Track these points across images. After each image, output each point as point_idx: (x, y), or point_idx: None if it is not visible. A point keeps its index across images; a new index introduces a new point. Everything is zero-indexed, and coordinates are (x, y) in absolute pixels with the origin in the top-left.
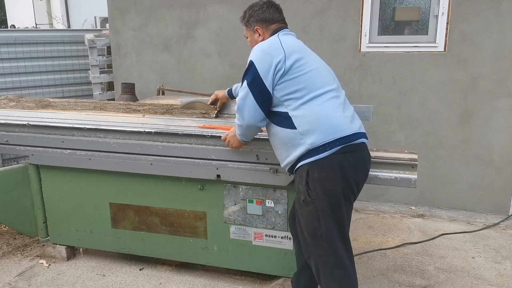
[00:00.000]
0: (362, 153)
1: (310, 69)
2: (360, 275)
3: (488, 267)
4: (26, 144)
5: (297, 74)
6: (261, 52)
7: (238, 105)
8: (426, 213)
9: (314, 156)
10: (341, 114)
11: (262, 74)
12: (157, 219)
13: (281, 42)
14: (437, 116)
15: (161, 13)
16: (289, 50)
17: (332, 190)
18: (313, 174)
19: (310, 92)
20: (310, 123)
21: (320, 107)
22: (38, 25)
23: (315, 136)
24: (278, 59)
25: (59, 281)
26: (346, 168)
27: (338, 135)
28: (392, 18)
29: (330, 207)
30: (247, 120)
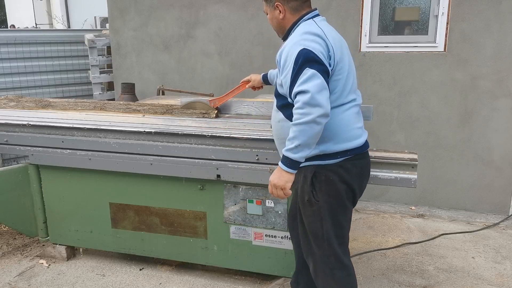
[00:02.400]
0: (367, 159)
1: (347, 74)
2: (360, 275)
3: (488, 267)
4: (26, 144)
5: (336, 77)
6: (310, 35)
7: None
8: (426, 213)
9: (323, 160)
10: (358, 124)
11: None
12: (157, 219)
13: (325, 33)
14: (437, 116)
15: (161, 13)
16: (335, 46)
17: (338, 194)
18: (320, 177)
19: (338, 99)
20: (328, 130)
21: (341, 116)
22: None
23: (329, 144)
24: (329, 53)
25: (59, 281)
26: (353, 174)
27: (351, 145)
28: (392, 18)
29: (334, 210)
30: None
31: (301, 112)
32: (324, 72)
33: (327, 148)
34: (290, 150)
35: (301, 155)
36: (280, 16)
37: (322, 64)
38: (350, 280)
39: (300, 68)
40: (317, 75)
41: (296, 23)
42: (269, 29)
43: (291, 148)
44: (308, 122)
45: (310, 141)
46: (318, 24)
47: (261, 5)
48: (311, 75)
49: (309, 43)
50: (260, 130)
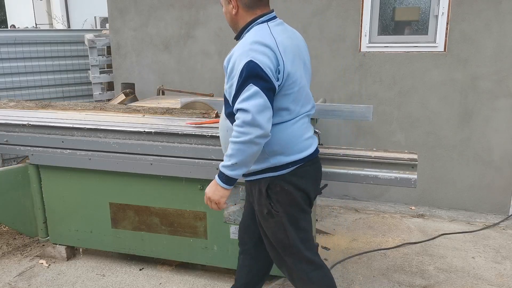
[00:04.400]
0: (319, 164)
1: (298, 88)
2: (360, 275)
3: (488, 267)
4: (26, 144)
5: (286, 92)
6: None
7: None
8: (426, 213)
9: (276, 172)
10: (307, 135)
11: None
12: (157, 219)
13: (277, 43)
14: (437, 116)
15: (161, 13)
16: (286, 59)
17: (295, 201)
18: (275, 188)
19: (289, 114)
20: (276, 145)
21: (291, 129)
22: (38, 25)
23: (280, 157)
24: (278, 67)
25: (59, 281)
26: (307, 179)
27: (302, 156)
28: (392, 18)
29: (295, 217)
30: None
31: (240, 131)
32: (269, 89)
33: (278, 160)
34: (226, 167)
35: (238, 173)
36: (233, 11)
37: (268, 81)
38: (328, 279)
39: (244, 82)
40: (260, 93)
41: (249, 24)
42: None
43: (228, 165)
44: (246, 142)
45: (247, 160)
46: (272, 30)
47: None
48: (254, 93)
49: (257, 56)
50: None
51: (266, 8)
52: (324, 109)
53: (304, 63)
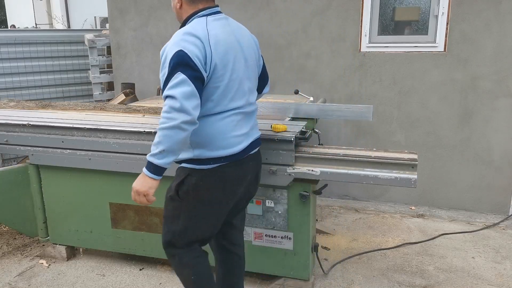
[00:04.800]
0: (248, 165)
1: (227, 82)
2: (360, 275)
3: (488, 267)
4: (26, 144)
5: (214, 84)
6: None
7: None
8: (426, 213)
9: (197, 165)
10: (236, 132)
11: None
12: (157, 219)
13: (209, 35)
14: (437, 116)
15: (161, 13)
16: (217, 51)
17: (207, 199)
18: (191, 180)
19: (216, 106)
20: (201, 137)
21: (218, 124)
22: (38, 25)
23: (203, 150)
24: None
25: (59, 281)
26: (228, 180)
27: (226, 153)
28: (392, 18)
29: (193, 209)
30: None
31: (167, 117)
32: (197, 78)
33: (201, 153)
34: (154, 156)
35: (166, 161)
36: (177, 5)
37: (196, 69)
38: (197, 267)
39: (173, 70)
40: (187, 81)
41: (190, 17)
42: (269, 29)
43: (155, 153)
44: (173, 127)
45: (175, 147)
46: (209, 23)
47: (261, 5)
48: (182, 80)
49: (187, 45)
50: (260, 130)
51: (209, 2)
52: (324, 109)
53: (246, 59)
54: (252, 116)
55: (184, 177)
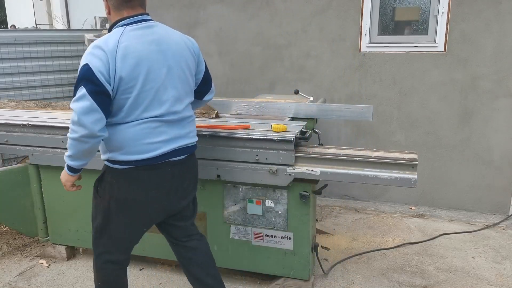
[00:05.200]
0: (165, 171)
1: (137, 93)
2: (360, 275)
3: (488, 267)
4: (26, 144)
5: (123, 96)
6: (98, 49)
7: None
8: (426, 213)
9: (112, 164)
10: (150, 140)
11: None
12: None
13: (118, 48)
14: (437, 116)
15: (161, 13)
16: (127, 64)
17: (118, 197)
18: (108, 177)
19: (127, 116)
20: (113, 143)
21: (129, 131)
22: (38, 25)
23: (116, 154)
24: (110, 72)
25: (59, 281)
26: (140, 183)
27: (135, 158)
28: (392, 18)
29: (109, 208)
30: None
31: (71, 128)
32: (99, 93)
33: (114, 156)
34: (67, 157)
35: (76, 163)
36: (106, 11)
37: (98, 85)
38: (106, 272)
39: (78, 84)
40: (87, 96)
41: (113, 26)
42: (269, 29)
43: (67, 155)
44: (75, 139)
45: (80, 154)
46: (125, 34)
47: (261, 5)
48: (82, 95)
49: (92, 59)
50: (260, 130)
51: (135, 10)
52: (324, 109)
53: (170, 68)
54: (178, 124)
55: (103, 173)
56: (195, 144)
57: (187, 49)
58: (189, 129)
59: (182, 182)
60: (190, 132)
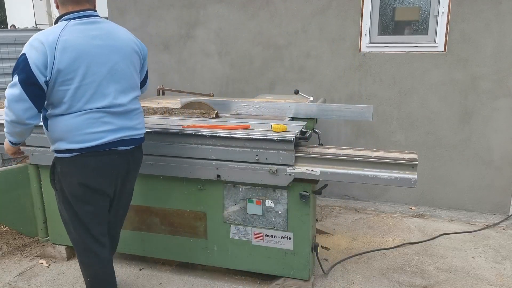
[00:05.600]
0: (110, 158)
1: (77, 85)
2: (360, 275)
3: (488, 267)
4: (26, 144)
5: (62, 87)
6: (37, 41)
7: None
8: (426, 213)
9: (59, 154)
10: (93, 130)
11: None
12: (157, 219)
13: (59, 42)
14: (437, 116)
15: (161, 13)
16: (66, 57)
17: (70, 185)
18: (58, 168)
19: (69, 108)
20: (57, 134)
21: (71, 122)
22: (38, 25)
23: (61, 143)
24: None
25: (59, 281)
26: (86, 169)
27: (79, 146)
28: (392, 18)
29: (68, 199)
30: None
31: (4, 111)
32: (30, 84)
33: (59, 146)
34: (5, 133)
35: (13, 139)
36: (55, 5)
37: (30, 76)
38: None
39: (14, 71)
40: (18, 85)
41: (59, 19)
42: (269, 29)
43: (5, 131)
44: (7, 122)
45: (14, 134)
46: (68, 28)
47: (261, 5)
48: (14, 83)
49: (30, 50)
50: (260, 130)
51: (80, 5)
52: (324, 109)
53: (115, 63)
54: (124, 116)
55: (53, 164)
56: (142, 136)
57: (134, 49)
58: (137, 121)
59: (128, 171)
60: (137, 124)
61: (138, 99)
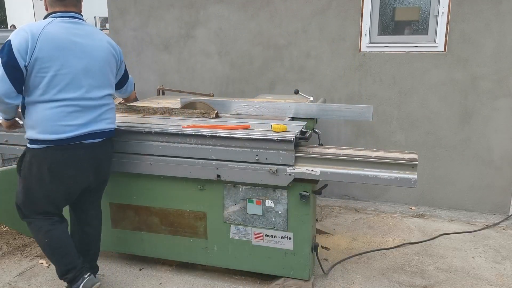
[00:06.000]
0: (78, 152)
1: (53, 74)
2: (360, 275)
3: (488, 267)
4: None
5: (39, 74)
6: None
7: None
8: (426, 213)
9: (30, 144)
10: (65, 122)
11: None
12: (157, 219)
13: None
14: (437, 116)
15: (161, 13)
16: (46, 47)
17: (35, 175)
18: (27, 157)
19: (43, 95)
20: (31, 121)
21: (45, 112)
22: None
23: (33, 132)
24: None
25: (59, 281)
26: (54, 161)
27: (51, 137)
28: (392, 18)
29: (30, 186)
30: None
31: None
32: (11, 66)
33: (32, 135)
34: None
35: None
36: (44, 6)
37: (12, 59)
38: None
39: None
40: (1, 68)
41: (47, 16)
42: (269, 29)
43: None
44: None
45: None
46: (52, 24)
47: (261, 5)
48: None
49: (15, 37)
50: (260, 130)
51: (67, 8)
52: (324, 109)
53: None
54: (95, 110)
55: (23, 153)
56: (112, 130)
57: (111, 52)
58: (107, 116)
59: (99, 162)
60: (107, 119)
61: (111, 96)
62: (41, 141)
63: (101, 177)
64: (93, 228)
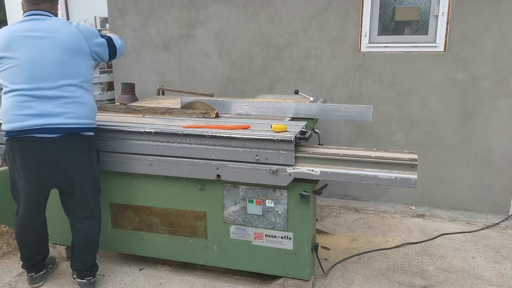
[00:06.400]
0: (30, 144)
1: (9, 67)
2: (360, 275)
3: (488, 267)
4: None
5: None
6: None
7: None
8: (426, 213)
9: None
10: (18, 112)
11: None
12: (157, 219)
13: (2, 31)
14: (437, 116)
15: (161, 13)
16: (3, 43)
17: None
18: (4, 148)
19: (5, 87)
20: (1, 113)
21: (6, 102)
22: None
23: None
24: None
25: (59, 281)
26: (14, 153)
27: (7, 128)
28: (392, 18)
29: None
30: None
31: None
32: None
33: (2, 127)
34: None
35: None
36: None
37: None
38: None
39: None
40: None
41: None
42: (269, 29)
43: None
44: None
45: None
46: (16, 23)
47: (261, 5)
48: None
49: None
50: (260, 130)
51: (35, 6)
52: (324, 109)
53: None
54: (50, 102)
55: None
56: (74, 127)
57: (77, 39)
58: (65, 110)
59: (57, 161)
60: (66, 113)
61: (75, 88)
62: (6, 133)
63: (70, 177)
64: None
